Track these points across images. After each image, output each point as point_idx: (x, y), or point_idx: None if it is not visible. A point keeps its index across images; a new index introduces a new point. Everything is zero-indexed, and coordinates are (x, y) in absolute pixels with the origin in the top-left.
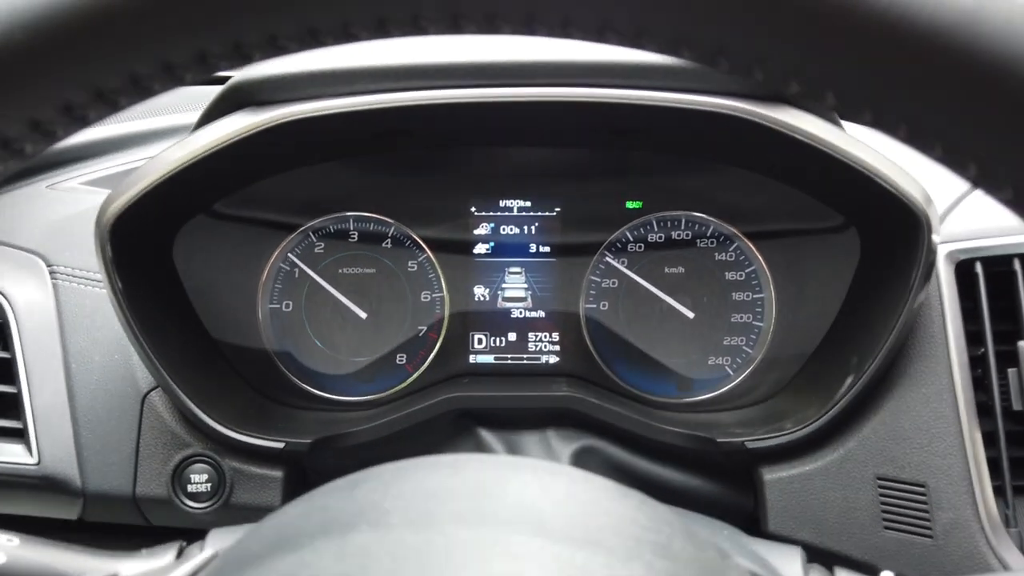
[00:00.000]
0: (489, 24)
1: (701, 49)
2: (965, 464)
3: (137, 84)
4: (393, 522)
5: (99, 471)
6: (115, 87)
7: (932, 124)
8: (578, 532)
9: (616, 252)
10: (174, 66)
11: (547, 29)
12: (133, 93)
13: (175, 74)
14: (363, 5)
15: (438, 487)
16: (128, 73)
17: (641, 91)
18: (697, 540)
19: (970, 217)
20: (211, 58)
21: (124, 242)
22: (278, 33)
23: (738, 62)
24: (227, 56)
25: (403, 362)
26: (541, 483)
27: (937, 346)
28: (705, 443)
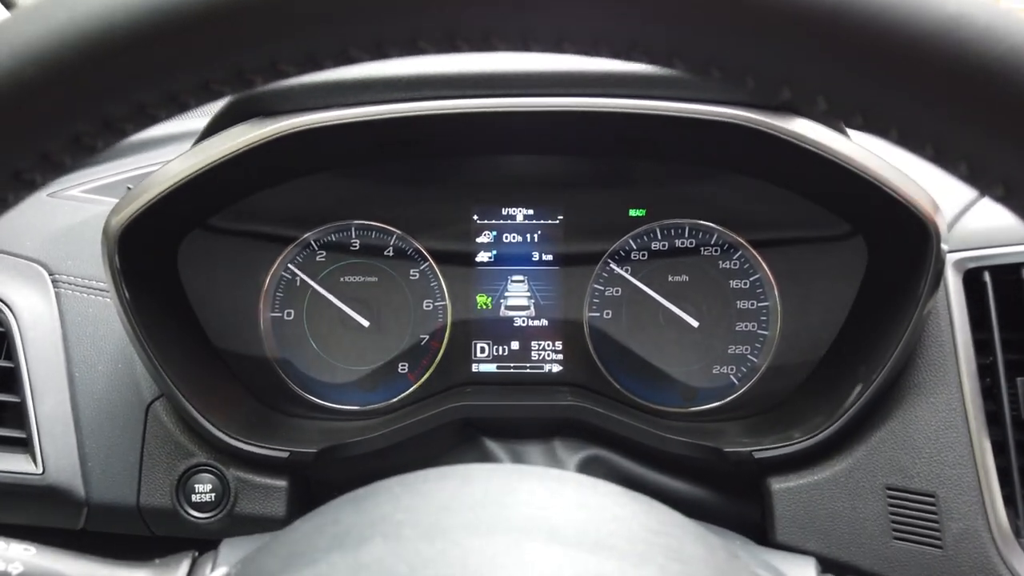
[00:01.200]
0: (484, 43)
1: (692, 59)
2: (975, 474)
3: (143, 112)
4: (407, 534)
5: (103, 481)
6: (123, 116)
7: (922, 125)
8: (590, 537)
9: (619, 260)
10: (178, 93)
11: (542, 46)
12: (140, 121)
13: (178, 101)
14: (363, 28)
15: (449, 498)
16: (137, 103)
17: (646, 101)
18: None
19: (978, 225)
20: (213, 84)
21: (130, 252)
22: (278, 59)
23: (730, 71)
24: (229, 82)
25: (405, 371)
26: (550, 490)
27: (946, 355)
28: (712, 453)
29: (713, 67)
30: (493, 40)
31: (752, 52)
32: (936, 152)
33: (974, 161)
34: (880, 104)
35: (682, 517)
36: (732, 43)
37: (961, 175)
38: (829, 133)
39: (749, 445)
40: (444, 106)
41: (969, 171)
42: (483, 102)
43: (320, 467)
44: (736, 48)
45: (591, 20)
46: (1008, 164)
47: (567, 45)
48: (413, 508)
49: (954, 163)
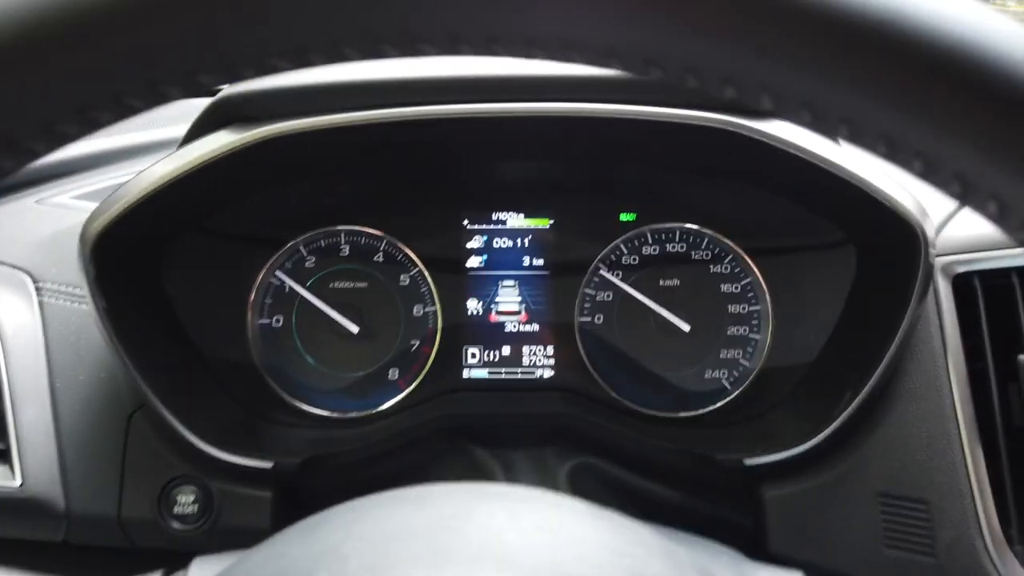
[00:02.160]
0: (451, 47)
1: (671, 69)
2: (967, 481)
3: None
4: (351, 569)
5: (84, 493)
6: (136, 91)
7: (911, 140)
8: (546, 563)
9: (611, 265)
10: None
11: (509, 50)
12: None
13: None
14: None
15: (400, 526)
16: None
17: (634, 106)
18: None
19: (967, 230)
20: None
21: (109, 259)
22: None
23: (710, 81)
24: (216, 72)
25: (396, 377)
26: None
27: (936, 361)
28: (703, 460)
29: (691, 75)
30: (459, 45)
31: (733, 63)
32: (925, 168)
33: (967, 179)
34: (866, 117)
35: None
36: (714, 51)
37: (952, 193)
38: (816, 137)
39: (740, 452)
40: (426, 111)
41: (962, 189)
42: (466, 107)
43: (306, 477)
44: (718, 58)
45: (562, 27)
46: (1003, 183)
47: (536, 51)
48: (362, 537)
49: (945, 181)
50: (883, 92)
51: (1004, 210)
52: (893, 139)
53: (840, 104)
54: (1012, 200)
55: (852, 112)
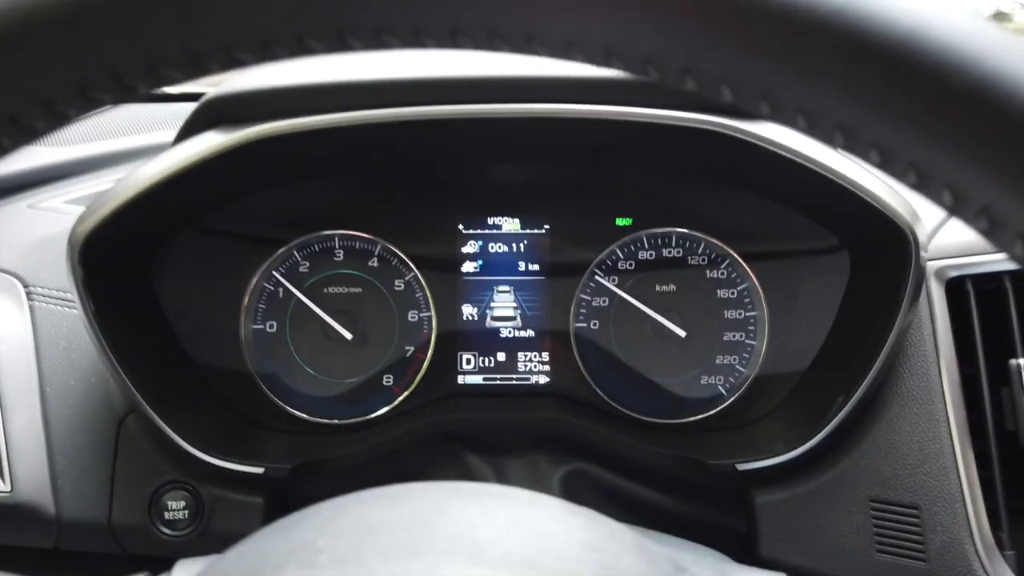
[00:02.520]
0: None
1: (669, 71)
2: (958, 485)
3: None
4: (322, 561)
5: (74, 498)
6: (134, 71)
7: (902, 149)
8: (515, 556)
9: (606, 270)
10: (198, 56)
11: (510, 45)
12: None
13: (200, 63)
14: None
15: (376, 521)
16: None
17: (628, 107)
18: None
19: (960, 234)
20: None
21: (98, 262)
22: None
23: (706, 83)
24: (180, 66)
25: (390, 383)
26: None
27: (929, 365)
28: (696, 466)
29: (689, 78)
30: (459, 39)
31: (731, 68)
32: (918, 178)
33: (959, 192)
34: (860, 125)
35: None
36: (712, 55)
37: (944, 205)
38: (810, 141)
39: (733, 458)
40: (415, 112)
41: (953, 202)
42: (458, 108)
43: (298, 483)
44: (715, 62)
45: (564, 24)
46: (994, 197)
47: (537, 46)
48: (336, 533)
49: (937, 192)
50: (879, 104)
51: (995, 224)
52: (887, 150)
53: (834, 113)
54: (1003, 214)
55: (847, 121)
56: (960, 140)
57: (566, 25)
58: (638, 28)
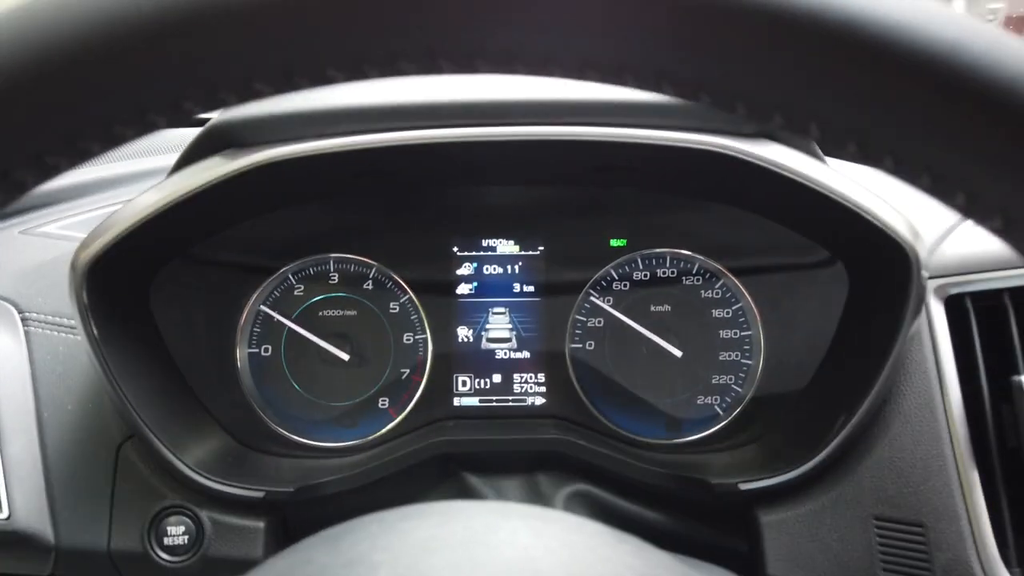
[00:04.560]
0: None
1: (683, 85)
2: (963, 503)
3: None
4: (384, 575)
5: (72, 525)
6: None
7: (918, 153)
8: None
9: (601, 291)
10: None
11: (528, 68)
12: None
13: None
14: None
15: (428, 537)
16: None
17: (623, 128)
18: None
19: (960, 250)
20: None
21: (100, 288)
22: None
23: (721, 97)
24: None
25: (386, 406)
26: (533, 530)
27: (930, 382)
28: (698, 485)
29: (703, 93)
30: (477, 62)
31: (748, 80)
32: (933, 182)
33: (974, 192)
34: (874, 131)
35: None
36: (725, 68)
37: (957, 206)
38: (806, 160)
39: (735, 477)
40: (417, 136)
41: (968, 202)
42: (458, 131)
43: (298, 507)
44: (730, 74)
45: (577, 43)
46: (1010, 195)
47: (554, 68)
48: (391, 547)
49: (951, 194)
50: (891, 105)
51: (1010, 223)
52: (901, 153)
53: (847, 117)
54: (1019, 212)
55: (861, 126)
56: (978, 140)
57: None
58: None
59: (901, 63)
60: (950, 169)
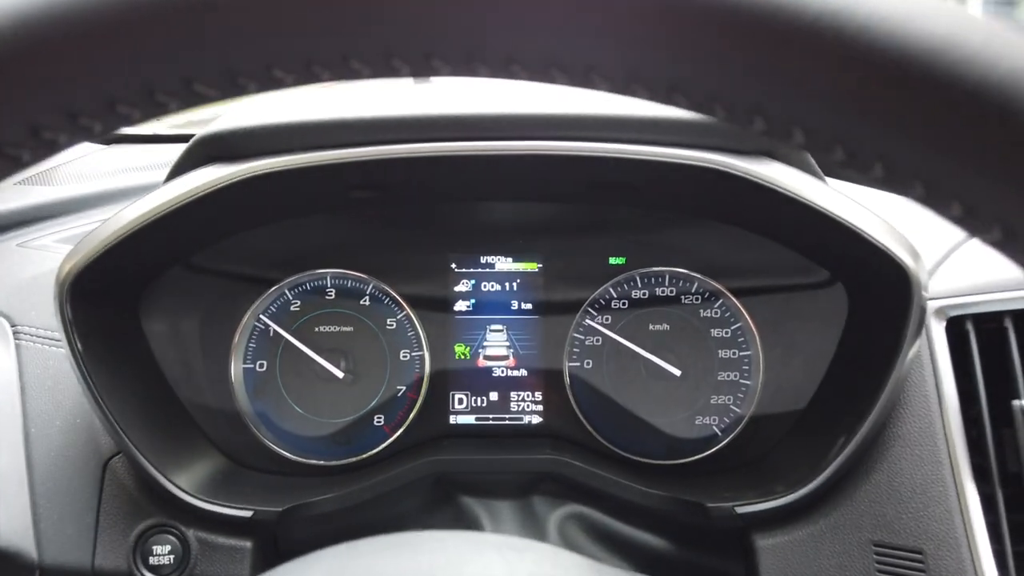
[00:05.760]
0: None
1: (695, 97)
2: (963, 529)
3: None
4: None
5: (56, 542)
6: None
7: (910, 162)
8: None
9: (600, 309)
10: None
11: (529, 73)
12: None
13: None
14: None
15: (396, 569)
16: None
17: (621, 145)
18: None
19: (960, 272)
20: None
21: (86, 301)
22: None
23: (737, 112)
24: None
25: (381, 423)
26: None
27: (931, 406)
28: (694, 508)
29: (718, 106)
30: (475, 65)
31: (761, 93)
32: (926, 192)
33: (969, 202)
34: (864, 138)
35: None
36: (742, 83)
37: (953, 217)
38: (806, 179)
39: (732, 500)
40: (410, 149)
41: (963, 212)
42: (453, 145)
43: (287, 526)
44: (745, 88)
45: (586, 51)
46: (1008, 206)
47: (556, 72)
48: None
49: (946, 204)
50: (885, 114)
51: (1009, 235)
52: (893, 162)
53: (835, 125)
54: (1017, 224)
55: (848, 134)
56: (975, 150)
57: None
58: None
59: (892, 72)
60: (944, 178)
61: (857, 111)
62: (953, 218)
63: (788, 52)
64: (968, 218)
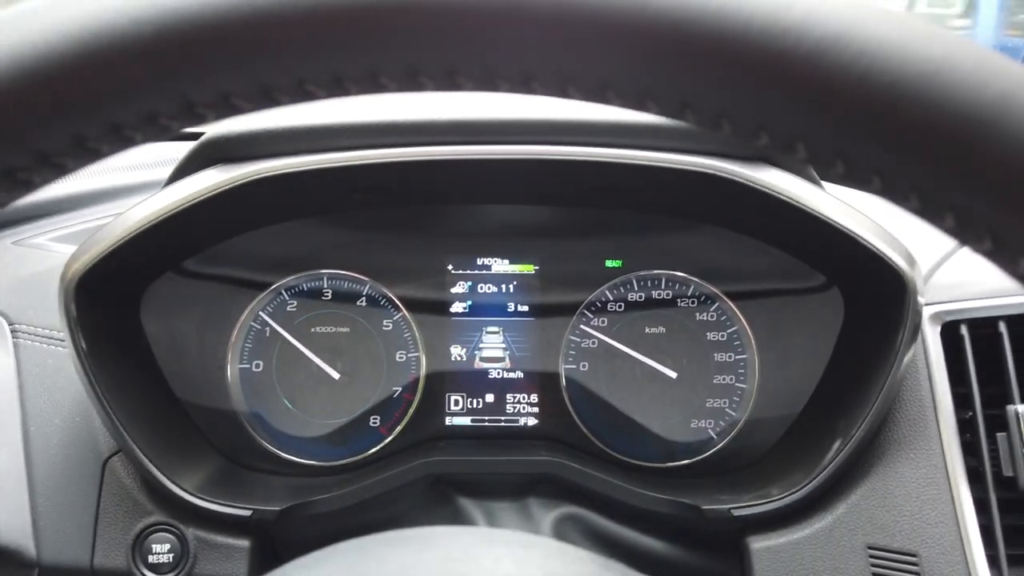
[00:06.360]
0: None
1: (666, 103)
2: (957, 532)
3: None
4: None
5: (55, 541)
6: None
7: (905, 174)
8: None
9: (596, 311)
10: (158, 115)
11: (509, 85)
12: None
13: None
14: None
15: (407, 565)
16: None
17: (618, 150)
18: None
19: (956, 277)
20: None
21: (89, 301)
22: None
23: (705, 116)
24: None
25: (377, 424)
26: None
27: (925, 410)
28: (690, 510)
29: (688, 111)
30: (458, 79)
31: (731, 98)
32: (921, 203)
33: (962, 213)
34: (860, 151)
35: None
36: (711, 87)
37: (946, 228)
38: (802, 184)
39: (727, 502)
40: (412, 153)
41: (956, 223)
42: (452, 149)
43: (285, 526)
44: (713, 93)
45: (567, 63)
46: (1000, 217)
47: (536, 86)
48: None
49: (939, 215)
50: (877, 126)
51: (999, 244)
52: (888, 174)
53: (832, 137)
54: (1007, 234)
55: (846, 146)
56: (966, 161)
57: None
58: None
59: (881, 87)
60: (938, 189)
61: (865, 131)
62: (946, 229)
63: (798, 80)
64: (960, 228)
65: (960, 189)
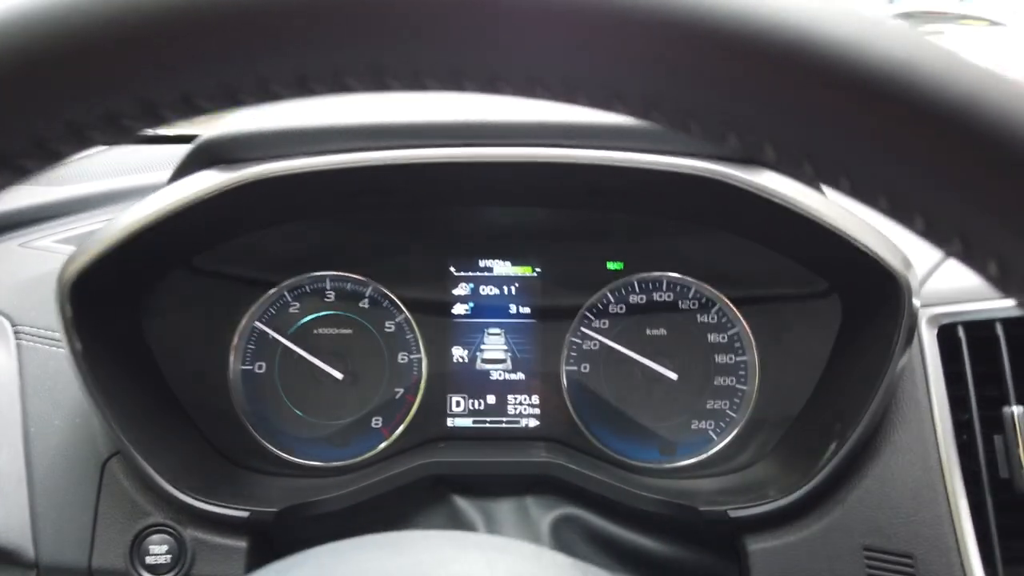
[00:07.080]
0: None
1: (671, 115)
2: (953, 534)
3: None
4: None
5: (54, 541)
6: (130, 113)
7: (912, 196)
8: None
9: (597, 313)
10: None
11: (512, 88)
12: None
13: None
14: None
15: (380, 570)
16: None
17: (619, 152)
18: None
19: (952, 279)
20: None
21: (87, 302)
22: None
23: (711, 129)
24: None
25: (379, 425)
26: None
27: (922, 412)
28: (687, 511)
29: (693, 122)
30: (464, 81)
31: (737, 110)
32: (927, 226)
33: (969, 237)
34: (867, 171)
35: None
36: (713, 101)
37: (954, 251)
38: (800, 187)
39: (724, 504)
40: (409, 156)
41: (963, 247)
42: (452, 152)
43: (283, 527)
44: (718, 106)
45: (570, 68)
46: (1006, 241)
47: (540, 89)
48: None
49: (947, 238)
50: (886, 146)
51: (1006, 270)
52: (895, 195)
53: (842, 157)
54: (1014, 260)
55: (853, 165)
56: (974, 185)
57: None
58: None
59: (888, 105)
60: (944, 213)
61: (872, 151)
62: (953, 252)
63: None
64: (967, 252)
65: (929, 190)
